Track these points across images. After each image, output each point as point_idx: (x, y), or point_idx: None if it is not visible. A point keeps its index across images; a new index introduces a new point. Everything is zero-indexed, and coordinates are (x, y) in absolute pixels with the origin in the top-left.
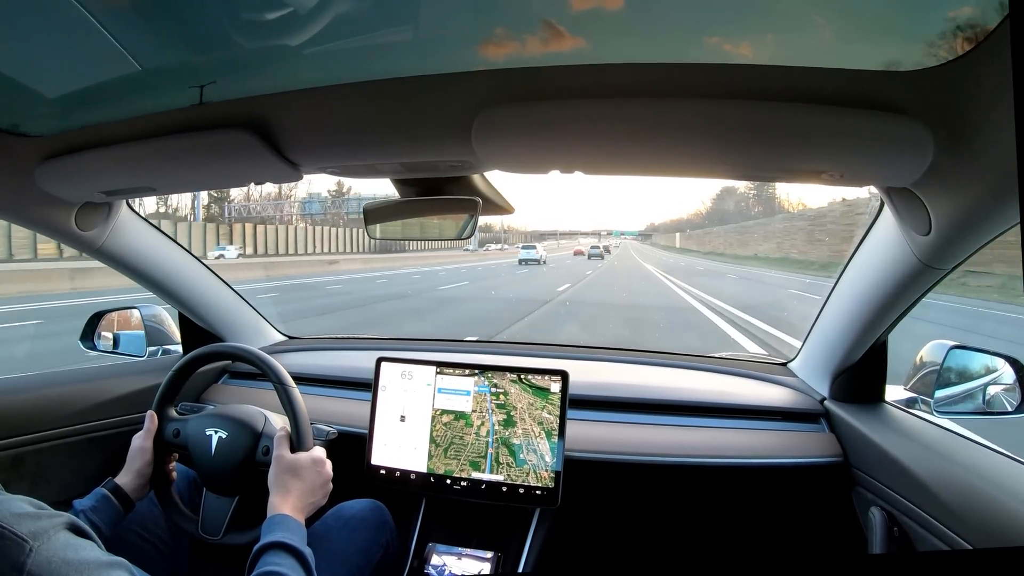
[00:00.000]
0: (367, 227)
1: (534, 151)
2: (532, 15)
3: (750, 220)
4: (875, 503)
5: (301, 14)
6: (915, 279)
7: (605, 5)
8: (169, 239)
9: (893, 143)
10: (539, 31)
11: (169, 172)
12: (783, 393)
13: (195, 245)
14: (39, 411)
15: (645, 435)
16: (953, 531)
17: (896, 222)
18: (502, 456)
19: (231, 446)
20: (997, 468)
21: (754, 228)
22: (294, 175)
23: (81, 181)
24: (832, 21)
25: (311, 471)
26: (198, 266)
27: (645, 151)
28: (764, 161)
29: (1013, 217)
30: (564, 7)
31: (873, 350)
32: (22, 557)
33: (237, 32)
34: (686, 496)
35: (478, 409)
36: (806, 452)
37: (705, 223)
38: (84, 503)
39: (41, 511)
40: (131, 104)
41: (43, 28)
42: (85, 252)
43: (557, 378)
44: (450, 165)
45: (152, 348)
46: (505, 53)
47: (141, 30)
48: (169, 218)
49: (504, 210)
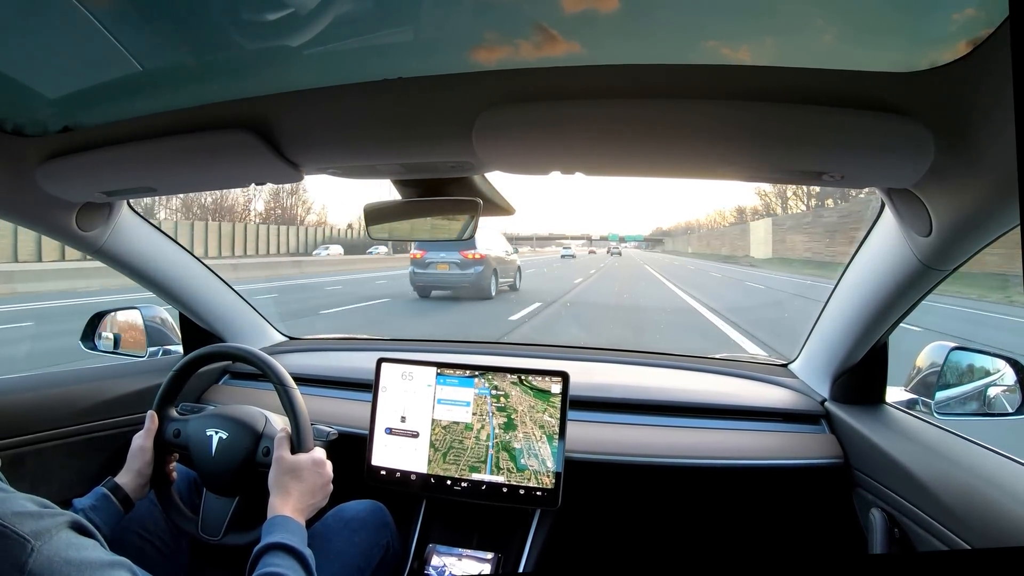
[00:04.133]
0: (368, 228)
1: (535, 152)
2: (532, 17)
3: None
4: (876, 504)
5: (302, 15)
6: (916, 280)
7: (601, 8)
8: (170, 239)
9: (894, 144)
10: (539, 31)
11: (170, 172)
12: (784, 394)
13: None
14: (40, 411)
15: (646, 436)
16: (954, 532)
17: (897, 223)
18: (503, 461)
19: (231, 447)
20: (998, 469)
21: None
22: (295, 175)
23: (82, 181)
24: (832, 23)
25: (311, 472)
26: (199, 267)
27: (646, 152)
28: (764, 162)
29: (1014, 218)
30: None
31: (874, 351)
32: (23, 557)
33: (238, 32)
34: (687, 497)
35: (478, 412)
36: (806, 453)
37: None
38: (84, 502)
39: (44, 510)
40: (132, 104)
41: (44, 28)
42: (86, 252)
43: (558, 379)
44: (451, 166)
45: (153, 348)
46: (507, 54)
47: (142, 30)
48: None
49: (505, 211)
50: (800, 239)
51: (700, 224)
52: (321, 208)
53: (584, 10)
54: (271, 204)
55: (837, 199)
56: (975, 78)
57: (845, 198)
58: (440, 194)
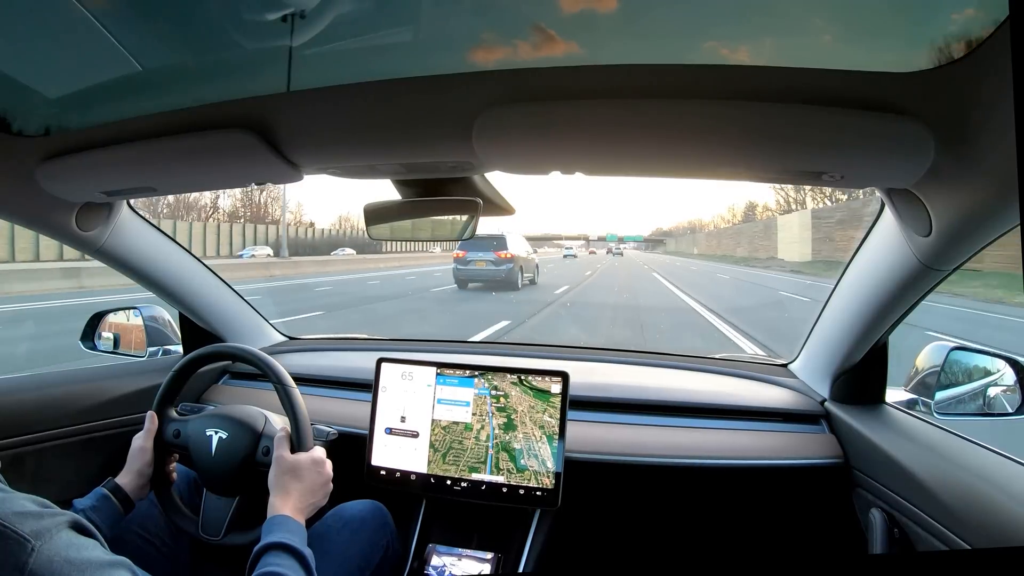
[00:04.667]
0: (367, 228)
1: (534, 152)
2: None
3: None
4: (875, 504)
5: (302, 15)
6: (916, 280)
7: (599, 8)
8: (170, 239)
9: (893, 144)
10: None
11: (170, 172)
12: (783, 394)
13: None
14: (40, 411)
15: (646, 436)
16: (953, 532)
17: (897, 223)
18: (502, 462)
19: (231, 446)
20: (997, 469)
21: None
22: (295, 175)
23: (82, 181)
24: (832, 23)
25: (311, 472)
26: (199, 266)
27: (645, 152)
28: (763, 162)
29: (1014, 218)
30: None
31: (874, 351)
32: (24, 557)
33: (238, 32)
34: (686, 497)
35: (478, 413)
36: (806, 453)
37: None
38: (84, 502)
39: (44, 510)
40: (132, 104)
41: (44, 28)
42: (86, 252)
43: (558, 379)
44: (450, 166)
45: (152, 348)
46: (505, 55)
47: (142, 30)
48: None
49: (505, 211)
50: (859, 236)
51: (702, 224)
52: (297, 206)
53: (582, 10)
54: (242, 202)
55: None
56: (975, 78)
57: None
58: (440, 194)
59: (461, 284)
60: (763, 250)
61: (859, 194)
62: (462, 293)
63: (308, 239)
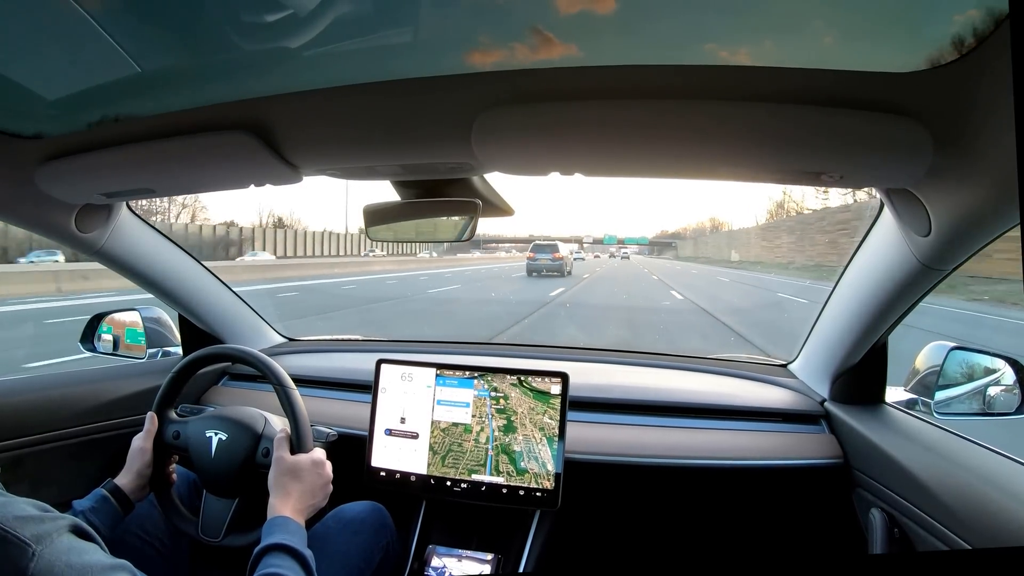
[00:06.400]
0: (367, 229)
1: (534, 153)
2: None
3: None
4: (875, 504)
5: (301, 16)
6: (915, 280)
7: (598, 9)
8: (169, 241)
9: (893, 144)
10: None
11: (169, 174)
12: (783, 394)
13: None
14: (39, 413)
15: (645, 437)
16: (953, 532)
17: (896, 223)
18: (502, 464)
19: (231, 448)
20: (997, 469)
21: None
22: (294, 177)
23: (81, 183)
24: (832, 24)
25: (311, 473)
26: (198, 268)
27: (645, 152)
28: (763, 162)
29: (1013, 218)
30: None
31: (873, 351)
32: (25, 561)
33: (236, 34)
34: (686, 498)
35: (478, 414)
36: (806, 453)
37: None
38: (83, 504)
39: (45, 514)
40: (131, 106)
41: (43, 29)
42: (85, 254)
43: (557, 380)
44: (450, 167)
45: (152, 350)
46: (503, 57)
47: (141, 32)
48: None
49: (504, 212)
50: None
51: (719, 224)
52: (193, 200)
53: (580, 12)
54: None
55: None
56: (975, 78)
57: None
58: (439, 195)
59: (530, 273)
60: (848, 249)
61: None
62: (531, 278)
63: (219, 237)
